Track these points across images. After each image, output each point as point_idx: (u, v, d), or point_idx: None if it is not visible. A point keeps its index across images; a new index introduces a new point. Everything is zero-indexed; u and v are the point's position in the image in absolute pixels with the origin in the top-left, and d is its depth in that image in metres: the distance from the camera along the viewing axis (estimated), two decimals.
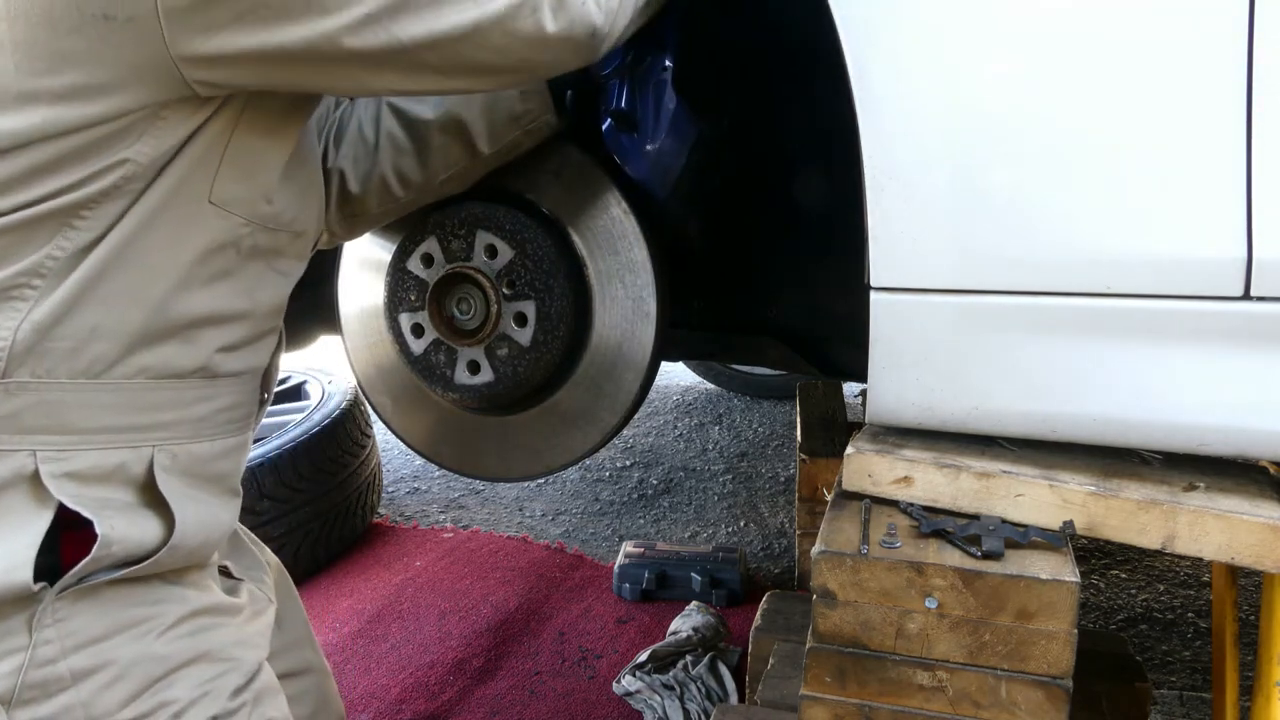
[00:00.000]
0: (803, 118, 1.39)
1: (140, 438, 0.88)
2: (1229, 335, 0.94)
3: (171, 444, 0.91)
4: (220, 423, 0.98)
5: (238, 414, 1.01)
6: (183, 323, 0.89)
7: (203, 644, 0.93)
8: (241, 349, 0.98)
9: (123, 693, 0.86)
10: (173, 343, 0.89)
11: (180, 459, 0.92)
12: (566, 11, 0.88)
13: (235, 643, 0.97)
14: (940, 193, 0.99)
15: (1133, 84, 0.92)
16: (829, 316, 1.48)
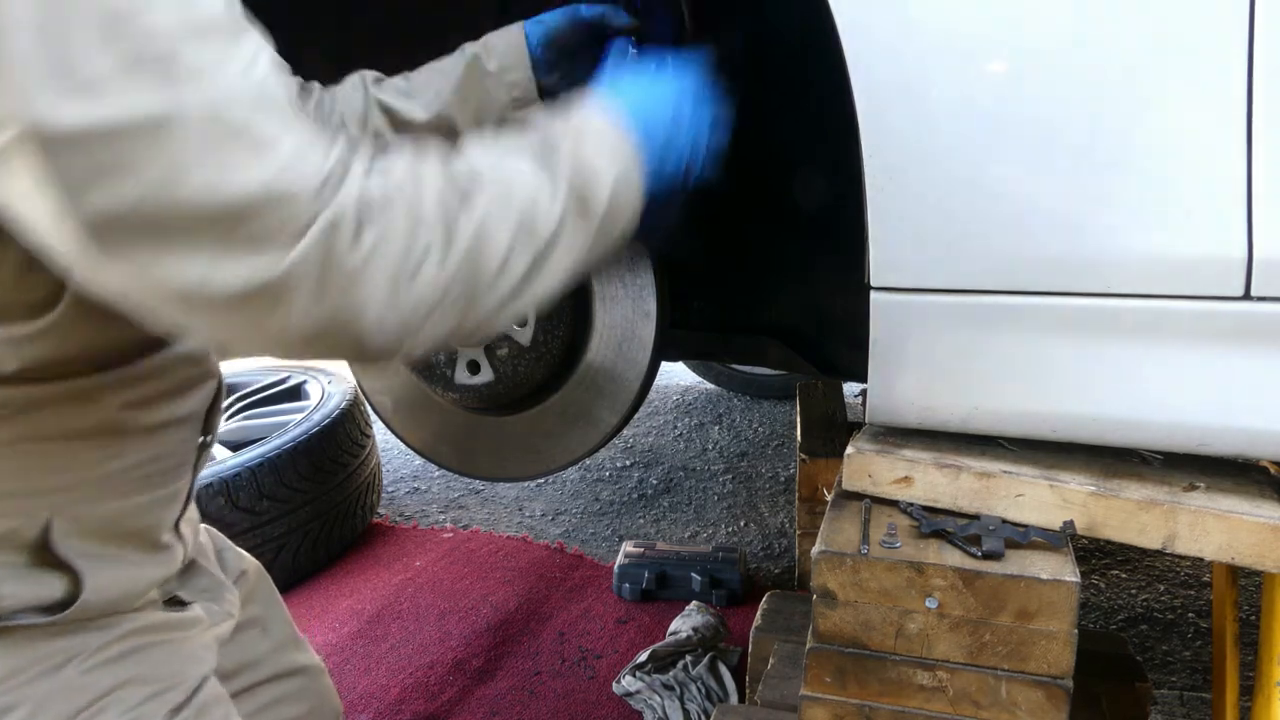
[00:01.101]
0: (802, 117, 1.39)
1: (32, 504, 0.81)
2: (1229, 335, 0.94)
3: (72, 507, 0.83)
4: (136, 479, 0.89)
5: (162, 466, 0.92)
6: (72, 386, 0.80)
7: (132, 668, 0.89)
8: (158, 403, 0.89)
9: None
10: (61, 406, 0.80)
11: (84, 521, 0.85)
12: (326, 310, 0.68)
13: (174, 661, 0.93)
14: (940, 192, 0.99)
15: (1133, 83, 0.92)
16: (829, 316, 1.48)
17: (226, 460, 2.33)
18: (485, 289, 0.76)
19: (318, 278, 0.66)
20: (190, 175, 0.61)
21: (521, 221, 0.78)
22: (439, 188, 0.75)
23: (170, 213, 0.61)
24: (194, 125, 0.61)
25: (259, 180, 0.63)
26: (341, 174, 0.69)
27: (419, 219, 0.72)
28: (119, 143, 0.59)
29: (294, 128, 0.67)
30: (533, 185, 0.80)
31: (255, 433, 2.66)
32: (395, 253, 0.70)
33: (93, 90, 0.58)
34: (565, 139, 0.84)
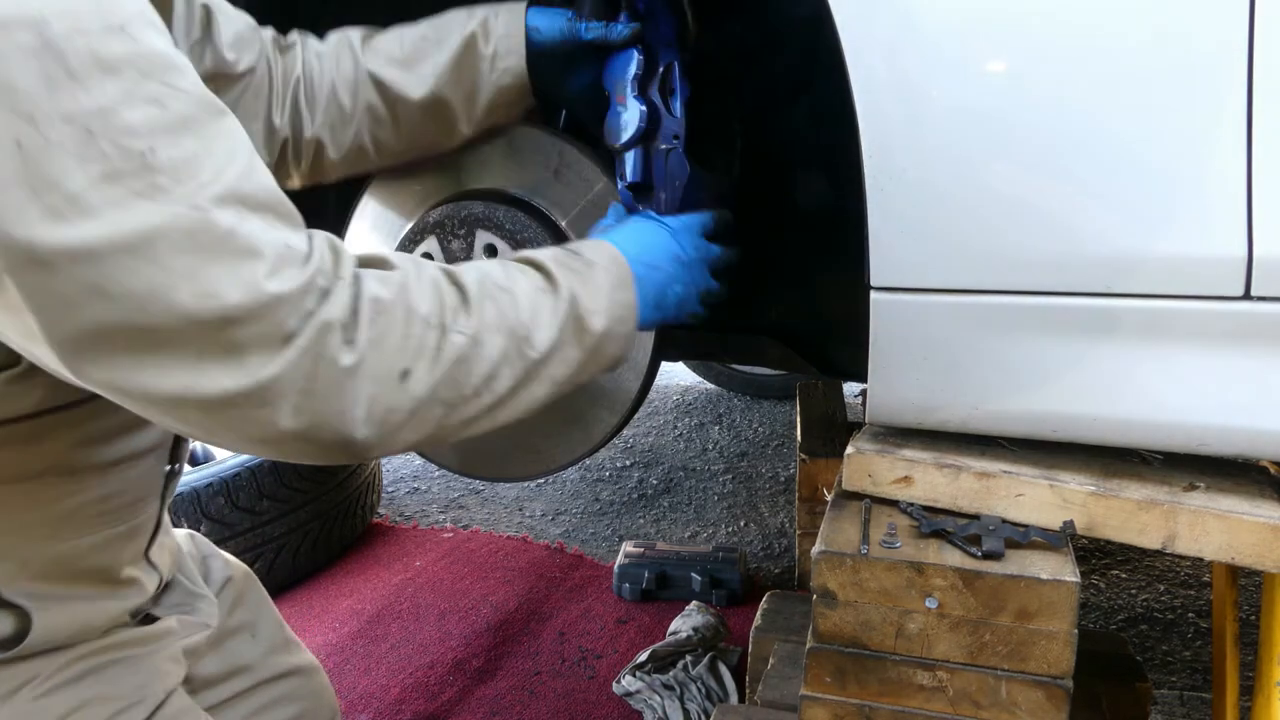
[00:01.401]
0: (803, 117, 1.39)
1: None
2: (1229, 335, 0.94)
3: (19, 550, 0.80)
4: (92, 515, 0.86)
5: (122, 501, 0.89)
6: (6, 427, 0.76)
7: (91, 688, 0.87)
8: (115, 438, 0.85)
9: None
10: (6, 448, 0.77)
11: (31, 564, 0.82)
12: (313, 412, 0.67)
13: (137, 676, 0.91)
14: (940, 192, 0.99)
15: (1133, 83, 0.92)
16: (829, 316, 1.48)
17: (226, 460, 2.33)
18: (470, 397, 0.76)
19: (308, 377, 0.66)
20: (175, 290, 0.60)
21: (515, 336, 0.79)
22: (437, 292, 0.76)
23: (154, 327, 0.61)
24: (177, 239, 0.60)
25: (244, 289, 0.62)
26: (331, 272, 0.68)
27: (414, 321, 0.72)
28: (102, 263, 0.58)
29: (277, 225, 0.66)
30: (532, 304, 0.82)
31: None
32: (390, 351, 0.71)
33: (75, 209, 0.57)
34: (571, 268, 0.87)
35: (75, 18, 0.56)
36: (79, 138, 0.56)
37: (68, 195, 0.56)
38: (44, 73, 0.55)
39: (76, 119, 0.56)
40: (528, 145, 1.28)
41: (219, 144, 0.63)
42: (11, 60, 0.54)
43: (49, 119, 0.56)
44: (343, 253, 0.71)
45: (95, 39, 0.57)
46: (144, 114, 0.59)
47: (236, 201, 0.63)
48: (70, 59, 0.56)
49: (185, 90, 0.62)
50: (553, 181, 1.28)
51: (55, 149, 0.56)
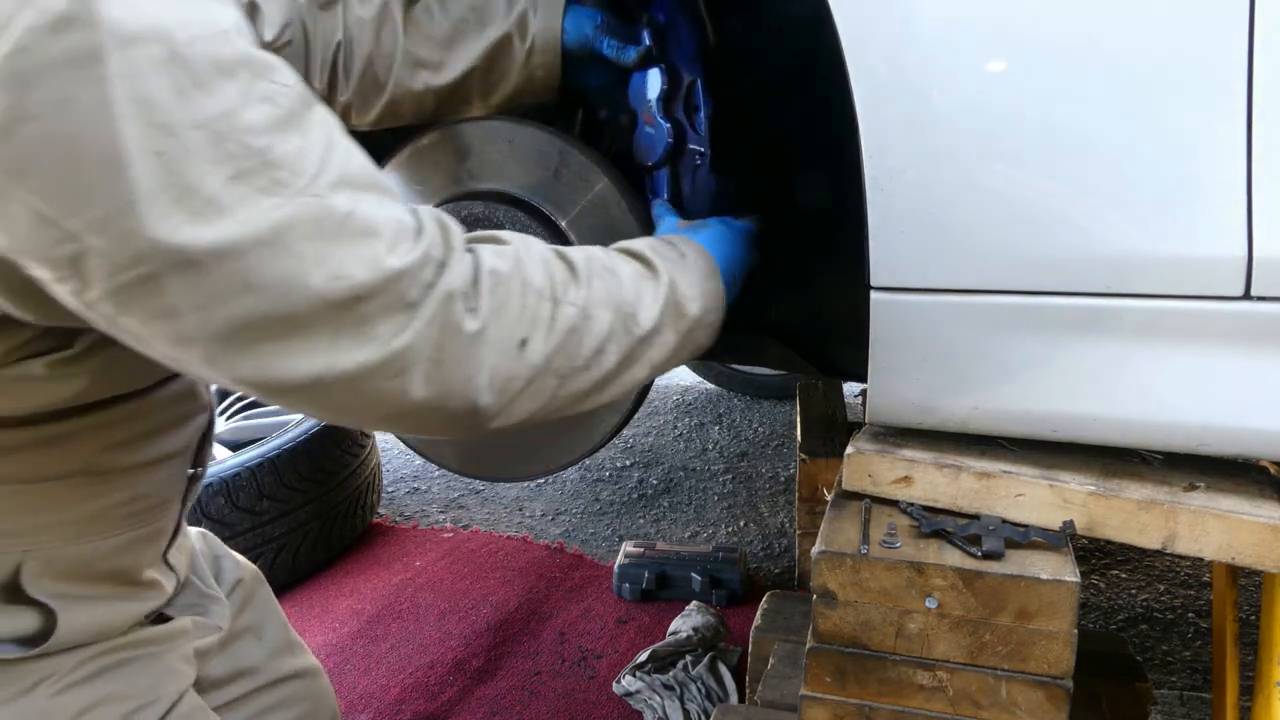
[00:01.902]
0: (802, 117, 1.39)
1: (3, 545, 0.79)
2: (1229, 335, 0.94)
3: (44, 549, 0.81)
4: (118, 517, 0.87)
5: (146, 504, 0.90)
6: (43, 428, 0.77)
7: (105, 686, 0.87)
8: (143, 442, 0.86)
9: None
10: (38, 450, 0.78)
11: (57, 562, 0.83)
12: (442, 380, 0.71)
13: (151, 675, 0.91)
14: (940, 192, 0.99)
15: (1132, 83, 0.92)
16: (829, 316, 1.48)
17: (226, 460, 2.33)
18: (580, 369, 0.80)
19: (435, 345, 0.70)
20: (309, 276, 0.64)
21: (621, 312, 0.84)
22: (547, 266, 0.80)
23: (292, 313, 0.64)
24: (305, 228, 0.63)
25: (368, 266, 0.66)
26: (444, 243, 0.72)
27: (529, 292, 0.77)
28: (244, 257, 0.61)
29: (386, 202, 0.69)
30: (635, 285, 0.87)
31: (255, 433, 2.66)
32: (509, 320, 0.74)
33: (214, 210, 0.60)
34: (667, 256, 0.93)
35: (192, 26, 0.59)
36: (210, 142, 0.59)
37: (206, 198, 0.59)
38: (174, 83, 0.58)
39: (206, 124, 0.59)
40: (528, 145, 1.28)
41: (319, 133, 0.66)
42: (145, 74, 0.57)
43: (183, 127, 0.58)
44: (450, 226, 0.74)
45: (211, 44, 0.60)
46: (260, 113, 0.62)
47: (346, 185, 0.66)
48: (195, 66, 0.59)
49: (288, 85, 0.65)
50: (553, 181, 1.28)
51: (191, 155, 0.59)
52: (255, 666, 1.15)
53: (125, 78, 0.56)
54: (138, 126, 0.57)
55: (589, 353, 0.80)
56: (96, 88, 0.56)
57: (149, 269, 0.60)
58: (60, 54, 0.55)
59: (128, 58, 0.56)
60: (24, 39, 0.54)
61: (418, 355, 0.69)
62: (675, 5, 1.28)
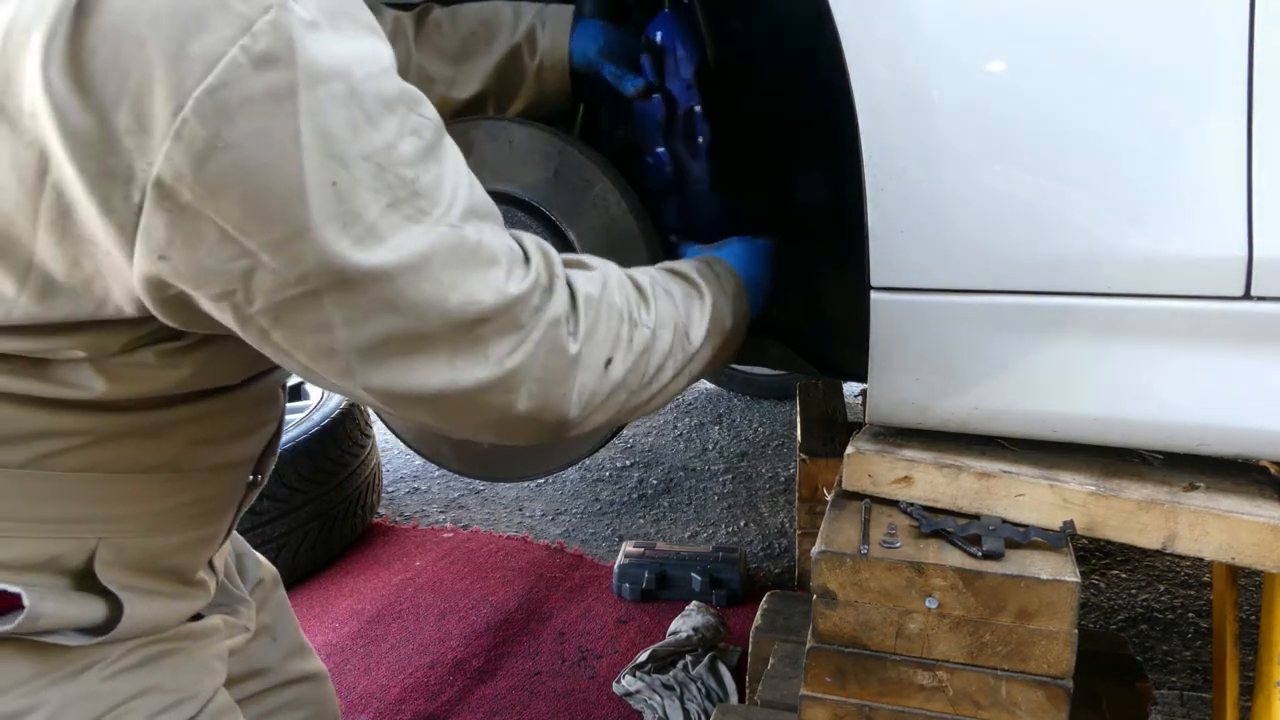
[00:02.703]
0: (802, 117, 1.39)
1: (83, 530, 0.81)
2: (1229, 335, 0.94)
3: (119, 538, 0.83)
4: (187, 516, 0.89)
5: (211, 506, 0.93)
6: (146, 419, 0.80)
7: (151, 676, 0.88)
8: (224, 442, 0.90)
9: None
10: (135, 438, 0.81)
11: (128, 552, 0.84)
12: (543, 395, 0.79)
13: (190, 670, 0.93)
14: (940, 193, 0.99)
15: (1133, 83, 0.92)
16: (829, 316, 1.48)
17: None
18: (648, 382, 0.89)
19: (543, 365, 0.77)
20: (446, 300, 0.70)
21: (679, 331, 0.93)
22: (624, 289, 0.88)
23: (425, 333, 0.70)
24: (444, 256, 0.69)
25: (493, 292, 0.72)
26: (548, 270, 0.79)
27: (613, 314, 0.84)
28: (394, 281, 0.67)
29: (500, 231, 0.76)
30: (687, 304, 0.96)
31: None
32: (598, 341, 0.82)
33: (373, 236, 0.65)
34: (706, 278, 1.02)
35: (366, 63, 0.64)
36: (374, 173, 0.64)
37: (368, 225, 0.65)
38: (350, 118, 0.63)
39: (371, 156, 0.64)
40: (528, 145, 1.28)
41: (451, 163, 0.72)
42: (329, 110, 0.61)
43: (355, 159, 0.63)
44: (552, 255, 0.81)
45: (379, 81, 0.65)
46: (411, 145, 0.67)
47: (473, 215, 0.72)
48: (367, 102, 0.64)
49: (430, 118, 0.70)
50: (553, 181, 1.28)
51: (359, 185, 0.64)
52: (269, 667, 1.16)
53: (312, 113, 0.60)
54: (319, 158, 0.61)
55: (654, 369, 0.89)
56: (289, 122, 0.60)
57: (312, 286, 0.65)
58: (261, 89, 0.59)
59: (316, 95, 0.60)
60: (228, 74, 0.58)
61: (526, 374, 0.76)
62: (674, 23, 1.28)
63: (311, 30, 0.60)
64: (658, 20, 1.31)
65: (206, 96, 0.58)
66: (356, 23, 0.65)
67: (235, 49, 0.58)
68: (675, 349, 0.91)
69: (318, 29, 0.60)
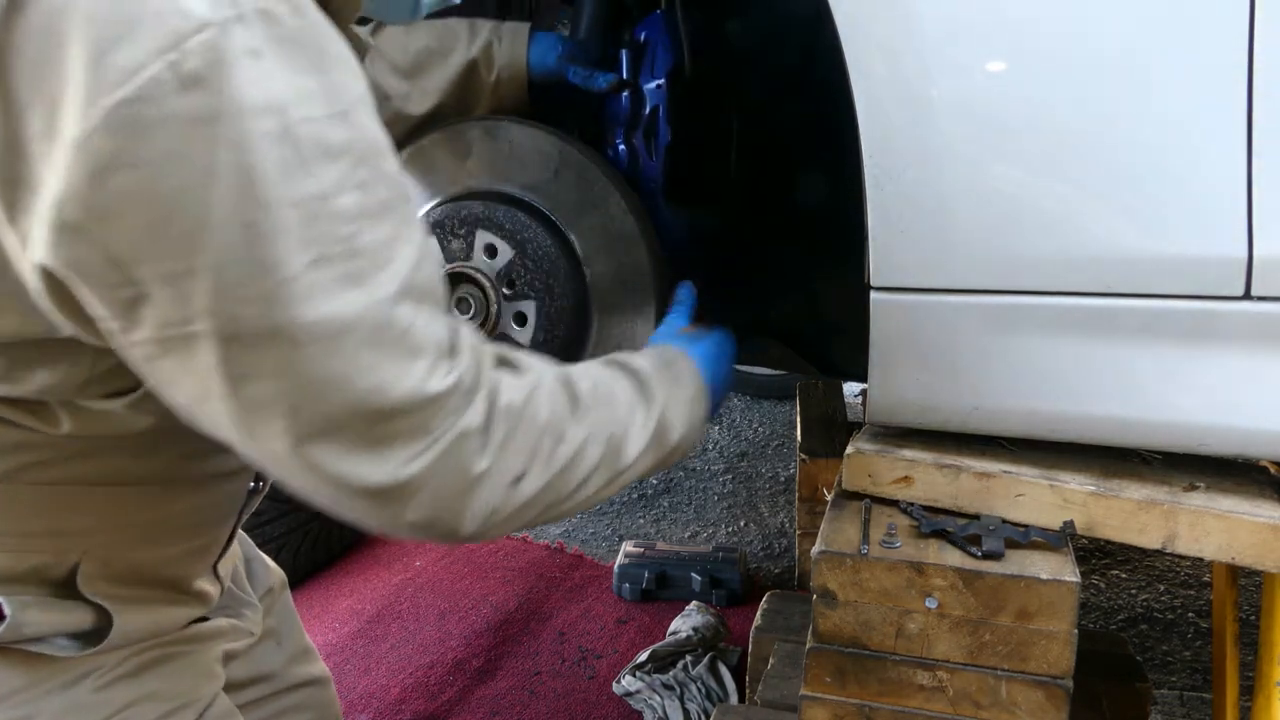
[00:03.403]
0: (802, 117, 1.39)
1: (64, 543, 0.78)
2: (1229, 335, 0.94)
3: (103, 551, 0.80)
4: (179, 527, 0.86)
5: (207, 515, 0.90)
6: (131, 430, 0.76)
7: (147, 684, 0.87)
8: (217, 453, 0.84)
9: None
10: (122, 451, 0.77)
11: (114, 565, 0.82)
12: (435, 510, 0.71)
13: (188, 675, 0.91)
14: (940, 193, 0.99)
15: (1133, 83, 0.92)
16: (829, 316, 1.48)
17: None
18: (566, 497, 0.81)
19: (441, 480, 0.69)
20: (351, 383, 0.63)
21: (611, 446, 0.84)
22: (554, 399, 0.80)
23: (322, 414, 0.63)
24: (365, 334, 0.62)
25: (410, 386, 0.65)
26: (474, 376, 0.71)
27: (535, 428, 0.76)
28: (296, 348, 0.60)
29: (437, 318, 0.68)
30: (629, 416, 0.88)
31: None
32: (511, 456, 0.74)
33: (285, 292, 0.59)
34: (664, 380, 0.94)
35: (310, 103, 0.58)
36: (302, 222, 0.58)
37: (282, 279, 0.58)
38: (281, 159, 0.57)
39: (302, 204, 0.58)
40: (528, 145, 1.28)
41: (405, 229, 0.65)
42: (256, 145, 0.56)
43: (278, 203, 0.57)
44: (484, 357, 0.74)
45: (324, 125, 0.59)
46: (355, 199, 0.61)
47: (412, 294, 0.65)
48: (303, 145, 0.58)
49: (388, 175, 0.64)
50: (553, 181, 1.28)
51: (280, 233, 0.58)
52: (274, 671, 1.15)
53: (235, 146, 0.56)
54: (234, 196, 0.56)
55: (574, 485, 0.81)
56: (207, 150, 0.55)
57: (198, 329, 0.59)
58: (181, 111, 0.54)
59: (242, 127, 0.56)
60: (149, 89, 0.53)
61: (421, 486, 0.69)
62: (660, 25, 1.29)
63: (251, 59, 0.55)
64: (647, 20, 1.31)
65: (120, 109, 0.53)
66: (315, 56, 0.60)
67: (161, 64, 0.53)
68: (604, 464, 0.83)
69: (259, 58, 0.56)
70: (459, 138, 1.30)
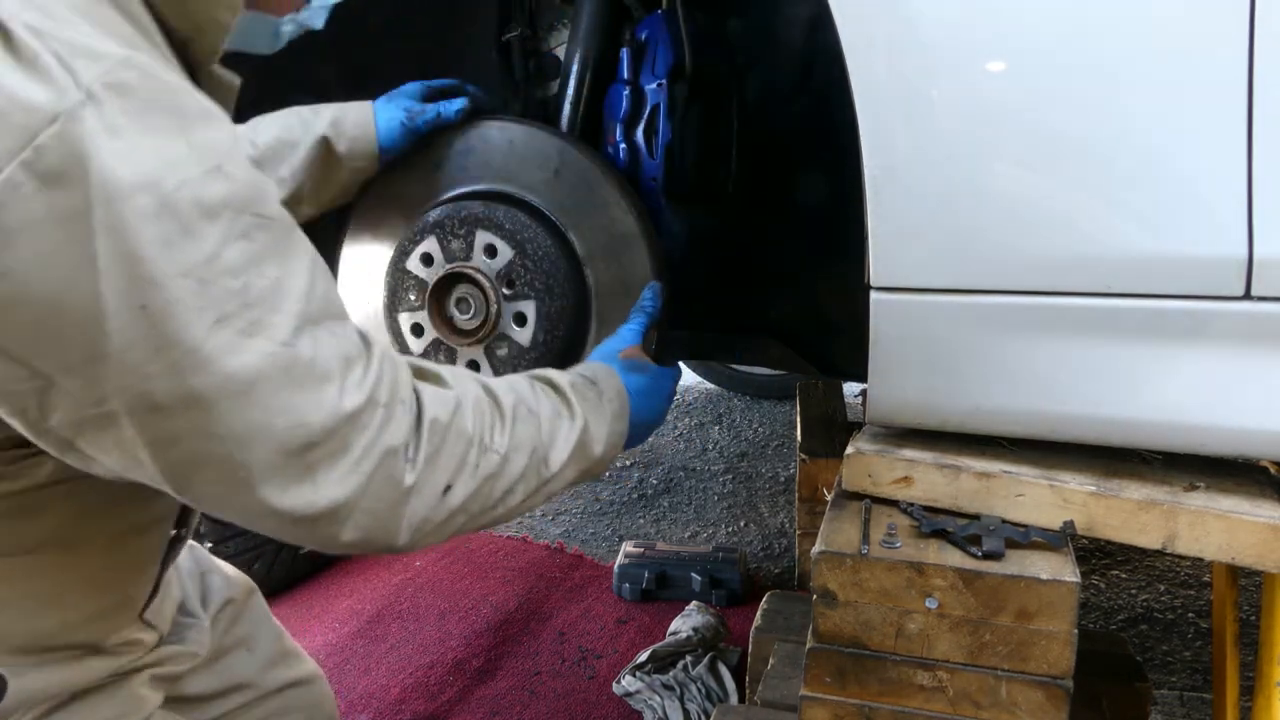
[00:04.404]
0: (802, 117, 1.39)
1: None
2: (1229, 335, 0.94)
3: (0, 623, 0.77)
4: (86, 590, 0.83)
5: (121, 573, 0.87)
6: None
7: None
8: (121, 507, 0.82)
9: None
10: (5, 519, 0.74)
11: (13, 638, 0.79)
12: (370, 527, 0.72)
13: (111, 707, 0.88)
14: (940, 192, 0.99)
15: (1132, 83, 0.92)
16: (829, 316, 1.48)
17: None
18: (494, 504, 0.83)
19: (373, 497, 0.71)
20: (270, 426, 0.64)
21: (536, 456, 0.87)
22: (480, 410, 0.82)
23: (248, 461, 0.64)
24: (274, 378, 0.63)
25: (326, 410, 0.66)
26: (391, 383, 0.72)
27: (461, 439, 0.78)
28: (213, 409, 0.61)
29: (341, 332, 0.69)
30: (552, 428, 0.90)
31: None
32: (439, 468, 0.76)
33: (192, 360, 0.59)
34: (586, 396, 0.96)
35: (182, 168, 0.57)
36: (195, 290, 0.58)
37: (186, 349, 0.58)
38: (162, 234, 0.56)
39: (192, 272, 0.58)
40: (528, 145, 1.28)
41: (291, 262, 0.65)
42: (134, 228, 0.55)
43: (169, 278, 0.57)
44: (400, 373, 0.75)
45: (198, 187, 0.58)
46: (240, 250, 0.61)
47: (310, 321, 0.66)
48: (182, 212, 0.57)
49: (270, 217, 0.64)
50: (553, 181, 1.29)
51: (176, 306, 0.57)
52: (248, 680, 1.14)
53: (113, 233, 0.54)
54: (122, 282, 0.55)
55: (500, 494, 0.83)
56: (82, 245, 0.54)
57: (114, 407, 0.59)
58: (45, 211, 0.52)
59: (116, 212, 0.54)
60: (5, 195, 0.51)
61: (355, 505, 0.70)
62: (661, 25, 1.30)
63: (110, 137, 0.53)
64: (648, 19, 1.32)
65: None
66: (176, 117, 0.58)
67: (14, 165, 0.51)
68: (529, 473, 0.86)
69: (118, 135, 0.54)
70: (460, 138, 1.31)
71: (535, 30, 1.46)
